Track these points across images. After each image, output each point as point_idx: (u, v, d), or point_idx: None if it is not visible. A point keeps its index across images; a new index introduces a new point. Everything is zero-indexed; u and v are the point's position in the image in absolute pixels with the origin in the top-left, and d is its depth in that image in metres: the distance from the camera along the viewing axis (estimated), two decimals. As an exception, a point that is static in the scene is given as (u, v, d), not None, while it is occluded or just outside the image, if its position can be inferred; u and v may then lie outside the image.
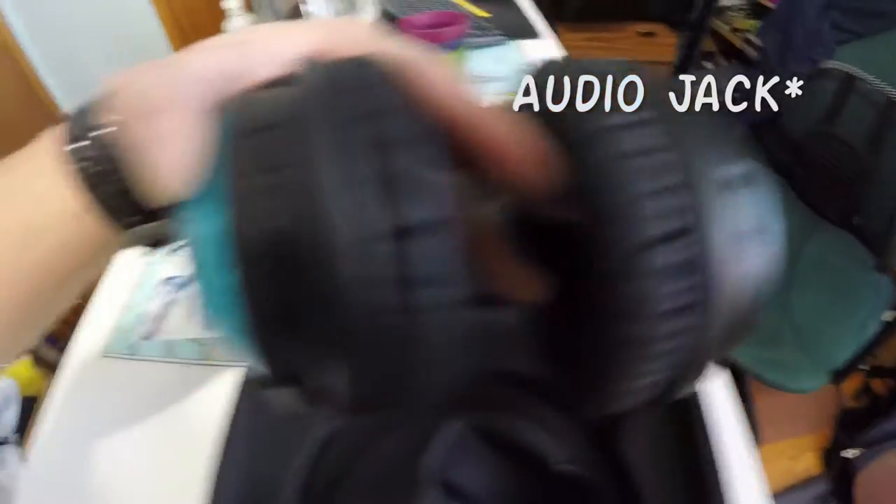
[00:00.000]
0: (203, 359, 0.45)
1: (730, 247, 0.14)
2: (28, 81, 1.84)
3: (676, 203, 0.13)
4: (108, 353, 0.49)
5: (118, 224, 0.23)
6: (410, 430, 0.30)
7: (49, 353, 1.33)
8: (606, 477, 0.28)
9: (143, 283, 0.54)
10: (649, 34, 2.02)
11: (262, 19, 0.86)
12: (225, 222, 0.13)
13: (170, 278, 0.53)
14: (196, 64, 0.19)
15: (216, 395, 0.43)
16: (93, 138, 0.22)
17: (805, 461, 1.18)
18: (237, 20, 1.06)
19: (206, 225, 0.14)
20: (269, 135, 0.14)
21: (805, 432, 1.22)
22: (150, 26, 1.83)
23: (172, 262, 0.55)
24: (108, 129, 0.21)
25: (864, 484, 1.03)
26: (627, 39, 2.03)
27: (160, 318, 0.50)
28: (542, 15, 1.15)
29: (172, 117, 0.19)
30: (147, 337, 0.49)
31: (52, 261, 0.23)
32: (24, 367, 1.25)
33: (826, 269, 1.07)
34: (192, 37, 1.84)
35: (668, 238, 0.13)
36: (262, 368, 0.15)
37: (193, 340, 0.46)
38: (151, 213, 0.23)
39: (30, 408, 1.20)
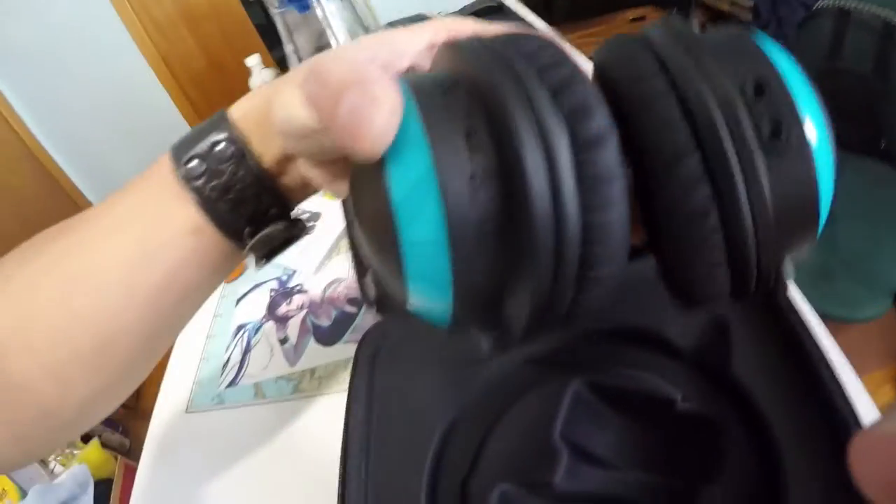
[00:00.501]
0: (293, 393, 0.46)
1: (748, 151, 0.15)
2: (48, 172, 1.90)
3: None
4: (194, 408, 0.50)
5: (235, 235, 0.25)
6: (530, 404, 0.30)
7: (112, 438, 1.36)
8: (726, 406, 0.28)
9: (215, 335, 0.56)
10: (640, 18, 2.03)
11: (290, 64, 0.89)
12: (427, 170, 0.15)
13: (241, 326, 0.55)
14: (350, 54, 0.21)
15: (314, 426, 0.44)
16: (209, 154, 0.24)
17: (883, 395, 1.15)
18: (260, 75, 1.10)
19: (405, 177, 0.15)
20: (454, 93, 0.16)
21: (877, 367, 1.20)
22: (158, 99, 1.89)
23: (242, 311, 0.57)
24: (231, 139, 0.24)
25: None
26: (619, 28, 2.04)
27: (241, 364, 0.51)
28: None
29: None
30: (232, 384, 0.50)
31: (173, 278, 0.25)
32: (94, 450, 1.28)
33: (862, 197, 1.07)
34: (200, 105, 1.90)
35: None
36: (455, 312, 0.17)
37: (280, 377, 0.48)
38: (264, 221, 0.25)
39: (103, 490, 1.22)
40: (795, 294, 0.33)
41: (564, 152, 0.14)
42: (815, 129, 0.16)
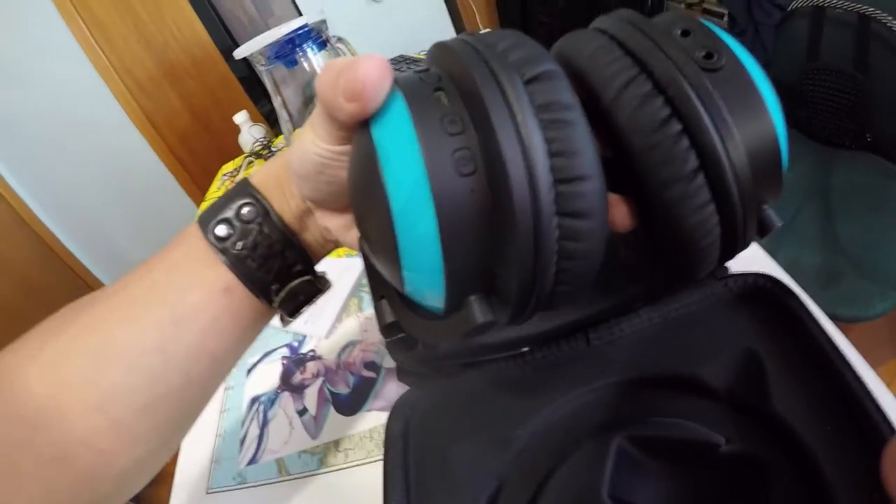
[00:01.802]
0: (319, 468, 0.44)
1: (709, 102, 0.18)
2: (41, 238, 1.89)
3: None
4: (214, 488, 0.48)
5: (263, 292, 0.26)
6: (574, 467, 0.29)
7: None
8: (770, 443, 0.28)
9: (229, 409, 0.54)
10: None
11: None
12: (420, 165, 0.17)
13: (255, 398, 0.53)
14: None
15: (346, 502, 0.42)
16: (237, 217, 0.26)
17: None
18: (249, 132, 1.10)
19: (400, 172, 0.17)
20: (433, 80, 0.18)
21: (891, 356, 1.18)
22: (147, 160, 1.89)
23: (254, 382, 0.55)
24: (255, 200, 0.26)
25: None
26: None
27: (259, 439, 0.50)
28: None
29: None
30: (252, 461, 0.48)
31: (206, 340, 0.26)
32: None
33: (858, 192, 1.07)
34: (190, 165, 1.91)
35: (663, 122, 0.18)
36: (451, 296, 0.19)
37: (304, 452, 0.46)
38: (290, 276, 0.27)
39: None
40: (821, 317, 0.32)
41: (536, 133, 0.16)
42: (742, 55, 0.19)
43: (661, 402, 0.31)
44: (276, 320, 0.29)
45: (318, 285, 0.29)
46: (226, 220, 0.26)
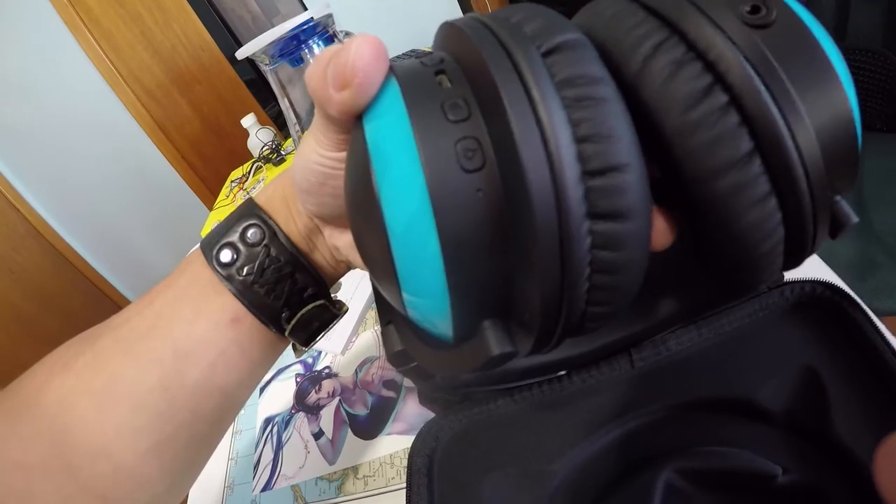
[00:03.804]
0: (338, 496, 0.42)
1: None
2: (54, 247, 1.91)
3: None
4: (228, 515, 0.46)
5: (273, 321, 0.24)
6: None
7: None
8: (831, 471, 0.25)
9: (242, 431, 0.52)
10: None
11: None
12: (415, 160, 0.14)
13: (269, 419, 0.51)
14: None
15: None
16: (242, 240, 0.24)
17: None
18: (257, 136, 1.08)
19: (392, 169, 0.14)
20: (438, 70, 0.15)
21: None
22: (158, 166, 1.89)
23: (267, 401, 0.53)
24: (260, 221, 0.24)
25: None
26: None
27: (274, 463, 0.47)
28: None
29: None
30: (267, 488, 0.46)
31: (213, 376, 0.24)
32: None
33: (892, 177, 1.03)
34: (202, 171, 1.90)
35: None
36: (460, 323, 0.15)
37: (321, 478, 0.43)
38: (301, 302, 0.25)
39: None
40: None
41: (558, 113, 0.13)
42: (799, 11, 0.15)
43: (712, 428, 0.28)
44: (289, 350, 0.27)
45: (333, 310, 0.27)
46: (230, 245, 0.24)
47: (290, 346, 0.28)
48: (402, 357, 0.21)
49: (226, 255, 0.24)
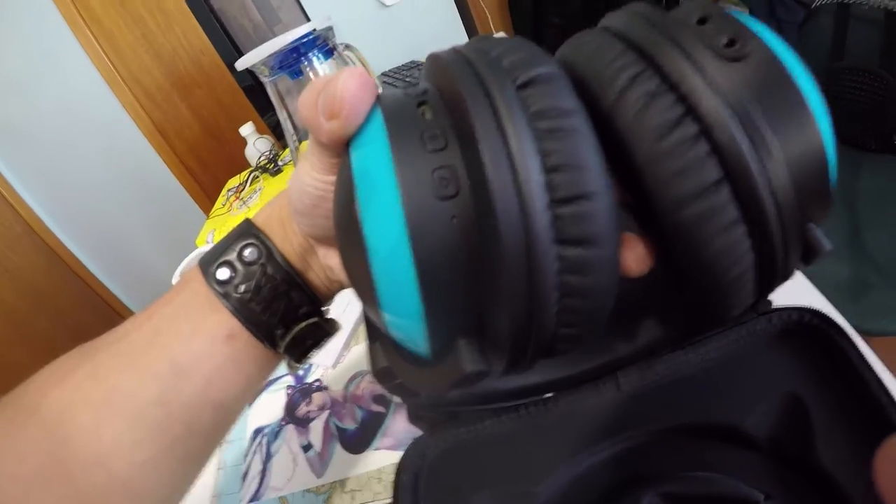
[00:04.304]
0: (324, 510, 0.42)
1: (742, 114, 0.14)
2: (49, 247, 1.90)
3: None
4: (215, 525, 0.46)
5: (268, 338, 0.25)
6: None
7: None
8: (814, 500, 0.26)
9: (231, 441, 0.52)
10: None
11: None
12: (393, 187, 0.14)
13: (258, 430, 0.51)
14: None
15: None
16: (239, 259, 0.25)
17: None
18: (255, 145, 1.08)
19: (372, 194, 0.15)
20: (421, 102, 0.16)
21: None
22: (156, 169, 1.88)
23: (257, 412, 0.53)
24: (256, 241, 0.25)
25: None
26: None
27: (262, 474, 0.47)
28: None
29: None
30: (255, 498, 0.46)
31: (209, 391, 0.24)
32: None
33: (886, 197, 1.04)
34: (200, 175, 1.90)
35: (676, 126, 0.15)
36: (435, 341, 0.16)
37: (308, 491, 0.43)
38: (296, 320, 0.26)
39: None
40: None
41: (528, 144, 0.14)
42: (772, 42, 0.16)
43: (695, 453, 0.29)
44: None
45: (326, 328, 0.27)
46: (227, 263, 0.25)
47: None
48: (387, 373, 0.21)
49: (223, 273, 0.25)
